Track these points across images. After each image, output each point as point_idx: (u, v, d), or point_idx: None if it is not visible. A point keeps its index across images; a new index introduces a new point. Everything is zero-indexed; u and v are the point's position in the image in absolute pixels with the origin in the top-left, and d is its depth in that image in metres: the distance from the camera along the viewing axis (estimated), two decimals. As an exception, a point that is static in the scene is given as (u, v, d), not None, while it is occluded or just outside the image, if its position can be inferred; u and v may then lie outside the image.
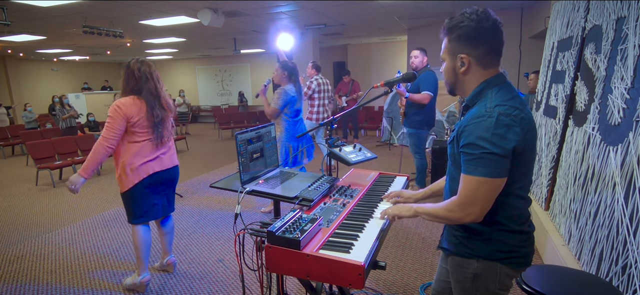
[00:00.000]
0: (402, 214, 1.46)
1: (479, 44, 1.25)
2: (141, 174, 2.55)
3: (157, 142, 2.59)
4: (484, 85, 1.26)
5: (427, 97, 4.14)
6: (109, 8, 5.76)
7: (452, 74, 1.33)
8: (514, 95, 1.23)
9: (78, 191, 2.49)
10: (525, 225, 1.29)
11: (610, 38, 2.36)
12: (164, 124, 2.63)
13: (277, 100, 3.65)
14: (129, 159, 2.51)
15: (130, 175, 2.53)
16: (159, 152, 2.64)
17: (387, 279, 2.85)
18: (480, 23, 1.22)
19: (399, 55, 11.80)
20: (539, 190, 3.51)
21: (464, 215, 1.22)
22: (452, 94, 1.40)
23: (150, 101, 2.54)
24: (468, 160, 1.19)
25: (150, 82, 2.55)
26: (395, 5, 6.45)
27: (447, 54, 1.33)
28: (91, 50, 11.50)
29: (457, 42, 1.27)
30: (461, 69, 1.28)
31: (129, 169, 2.52)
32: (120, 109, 2.45)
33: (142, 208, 2.63)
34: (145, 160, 2.56)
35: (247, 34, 8.93)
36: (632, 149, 1.87)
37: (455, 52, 1.29)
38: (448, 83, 1.38)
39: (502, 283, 1.31)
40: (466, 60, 1.26)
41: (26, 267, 3.28)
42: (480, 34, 1.23)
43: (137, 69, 2.52)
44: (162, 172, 2.66)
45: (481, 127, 1.16)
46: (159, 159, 2.64)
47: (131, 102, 2.49)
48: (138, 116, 2.49)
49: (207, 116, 15.56)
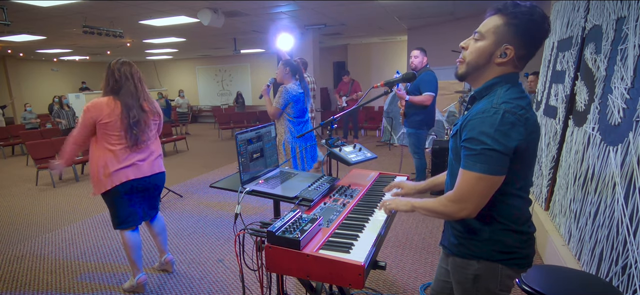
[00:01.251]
0: (399, 208, 1.45)
1: (529, 45, 1.18)
2: (114, 181, 2.46)
3: (131, 145, 2.47)
4: (498, 79, 1.23)
5: (428, 99, 4.13)
6: (109, 8, 5.76)
7: (485, 58, 1.22)
8: (523, 96, 1.21)
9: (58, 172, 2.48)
10: (526, 226, 1.29)
11: (610, 38, 2.36)
12: (140, 126, 2.49)
13: (278, 99, 3.55)
14: (103, 163, 2.45)
15: (103, 181, 2.46)
16: (136, 158, 2.52)
17: (387, 279, 2.85)
18: (542, 26, 1.15)
19: (399, 55, 11.80)
20: (539, 190, 3.51)
21: (458, 209, 1.21)
22: (462, 78, 1.29)
23: (128, 101, 2.45)
24: (468, 155, 1.18)
25: (129, 82, 2.48)
26: (395, 5, 6.45)
27: (492, 34, 1.20)
28: (91, 50, 11.50)
29: (514, 31, 1.17)
30: (500, 59, 1.20)
31: (102, 174, 2.45)
32: (88, 110, 2.41)
33: (122, 215, 2.58)
34: (120, 166, 2.46)
35: (247, 34, 8.93)
36: (632, 149, 1.87)
37: (503, 38, 1.18)
38: (472, 64, 1.24)
39: (503, 284, 1.30)
40: (510, 53, 1.18)
41: (26, 267, 3.28)
42: (537, 37, 1.18)
43: (117, 69, 2.47)
44: (138, 180, 2.54)
45: (485, 122, 1.14)
46: (134, 166, 2.51)
47: (104, 103, 2.43)
48: (109, 118, 2.41)
49: (207, 116, 15.55)
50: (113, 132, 2.45)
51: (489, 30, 1.21)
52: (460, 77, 1.29)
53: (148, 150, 2.61)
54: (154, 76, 16.10)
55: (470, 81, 1.30)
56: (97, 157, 2.47)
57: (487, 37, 1.21)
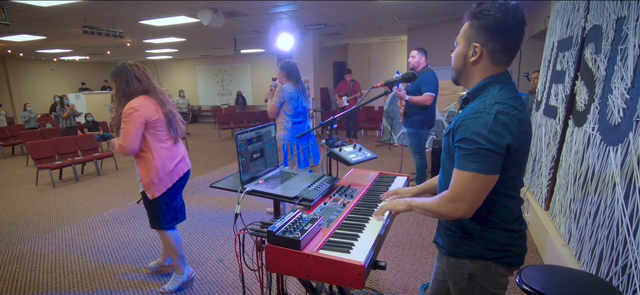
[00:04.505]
0: (396, 208, 1.46)
1: (497, 39, 1.21)
2: (174, 176, 2.52)
3: (175, 140, 2.56)
4: (488, 80, 1.25)
5: (429, 99, 4.14)
6: (109, 8, 5.76)
7: (462, 61, 1.29)
8: (515, 95, 1.22)
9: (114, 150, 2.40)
10: (516, 223, 1.30)
11: (610, 38, 2.36)
12: (176, 119, 2.58)
13: (274, 98, 3.76)
14: (162, 163, 2.45)
15: (165, 179, 2.47)
16: (182, 151, 2.63)
17: (387, 279, 2.85)
18: (506, 17, 1.18)
19: (399, 55, 11.80)
20: (539, 190, 3.51)
21: (453, 209, 1.21)
22: (456, 82, 1.36)
23: (161, 98, 2.51)
24: (462, 155, 1.19)
25: (151, 81, 2.54)
26: (395, 5, 6.45)
27: (462, 38, 1.28)
28: (91, 50, 11.50)
29: (477, 30, 1.23)
30: (472, 58, 1.25)
31: (162, 172, 2.46)
32: (137, 109, 2.35)
33: (173, 212, 2.60)
34: (176, 161, 2.54)
35: (247, 34, 8.93)
36: (632, 149, 1.87)
37: (471, 39, 1.25)
38: (455, 70, 1.33)
39: (498, 282, 1.32)
40: (479, 50, 1.23)
41: (26, 267, 3.28)
42: (502, 29, 1.19)
43: (137, 70, 2.49)
44: (187, 172, 2.64)
45: (478, 122, 1.16)
46: (184, 159, 2.63)
47: (148, 102, 2.43)
48: (158, 115, 2.44)
49: (207, 116, 15.56)
50: (162, 129, 2.47)
51: (461, 37, 1.30)
52: (454, 80, 1.39)
53: (181, 144, 2.69)
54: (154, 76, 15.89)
55: (463, 84, 1.35)
56: (153, 158, 2.44)
57: (460, 43, 1.30)
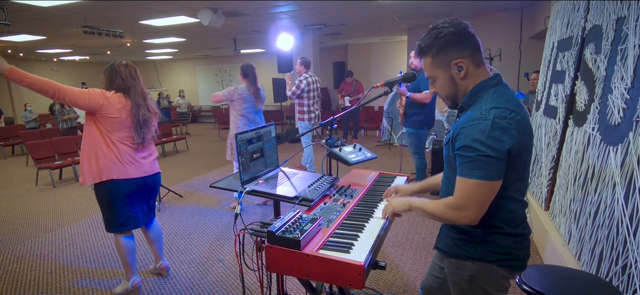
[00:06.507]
0: (396, 209, 1.46)
1: (465, 44, 1.24)
2: (112, 175, 2.43)
3: (138, 143, 2.49)
4: (479, 86, 1.26)
5: (428, 96, 4.17)
6: (109, 8, 5.76)
7: (451, 85, 1.30)
8: (510, 97, 1.22)
9: (3, 68, 2.16)
10: (520, 228, 1.29)
11: (610, 38, 2.36)
12: (147, 125, 2.54)
13: (224, 91, 4.11)
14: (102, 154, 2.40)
15: (96, 172, 2.41)
16: (139, 156, 2.54)
17: (387, 279, 2.85)
18: (457, 27, 1.23)
19: (399, 55, 11.79)
20: (539, 190, 3.51)
21: (459, 217, 1.21)
22: (454, 106, 1.35)
23: (138, 101, 2.48)
24: (464, 163, 1.19)
25: (136, 82, 2.51)
26: (395, 5, 6.45)
27: (436, 69, 1.30)
28: (91, 50, 11.50)
29: (445, 52, 1.25)
30: (460, 74, 1.26)
31: (97, 164, 2.40)
32: (102, 95, 2.35)
33: (121, 217, 2.54)
34: (123, 163, 2.46)
35: (247, 34, 8.93)
36: (632, 149, 1.87)
37: (447, 62, 1.27)
38: (448, 97, 1.33)
39: (499, 284, 1.31)
40: (463, 64, 1.25)
41: (26, 267, 3.27)
42: (461, 33, 1.24)
43: (123, 69, 2.48)
44: (139, 178, 2.53)
45: (477, 129, 1.16)
46: (137, 164, 2.52)
47: (116, 99, 2.41)
48: (119, 114, 2.41)
49: (207, 116, 15.55)
50: (122, 128, 2.45)
51: (434, 70, 1.31)
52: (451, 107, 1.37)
53: (149, 150, 2.65)
54: (154, 76, 16.09)
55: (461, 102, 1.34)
56: (97, 146, 2.41)
57: (437, 75, 1.31)
